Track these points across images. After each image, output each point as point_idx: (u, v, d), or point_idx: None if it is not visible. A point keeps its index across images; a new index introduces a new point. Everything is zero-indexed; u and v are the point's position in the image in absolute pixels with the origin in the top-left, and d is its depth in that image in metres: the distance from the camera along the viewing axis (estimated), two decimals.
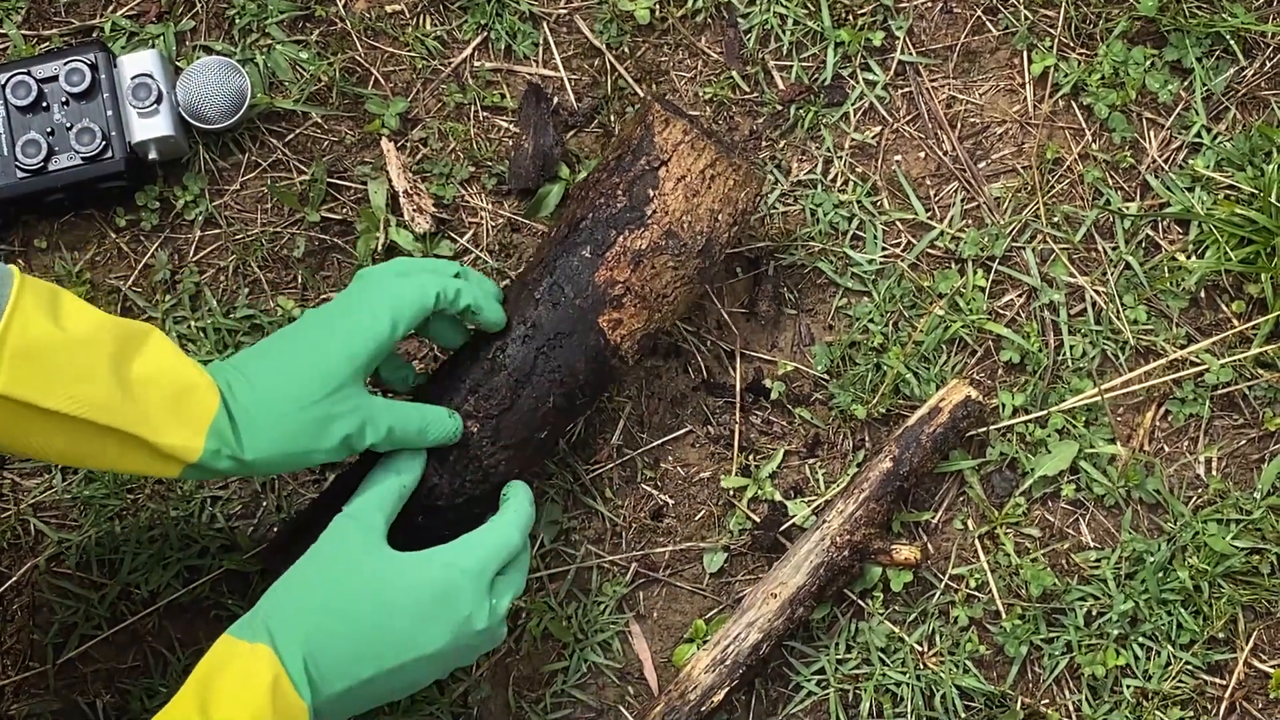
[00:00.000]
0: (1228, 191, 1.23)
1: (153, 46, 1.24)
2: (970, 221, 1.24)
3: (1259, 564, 1.20)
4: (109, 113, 1.19)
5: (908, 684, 1.19)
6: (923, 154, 1.26)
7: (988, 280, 1.23)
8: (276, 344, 1.03)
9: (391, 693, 0.99)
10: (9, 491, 1.21)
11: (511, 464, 1.10)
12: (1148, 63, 1.24)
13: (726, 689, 1.15)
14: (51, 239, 1.25)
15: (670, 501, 1.23)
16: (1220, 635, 1.20)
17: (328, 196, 1.24)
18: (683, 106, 1.24)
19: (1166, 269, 1.23)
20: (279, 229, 1.24)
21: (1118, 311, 1.22)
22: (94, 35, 1.25)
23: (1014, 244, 1.24)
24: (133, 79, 1.19)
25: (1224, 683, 1.20)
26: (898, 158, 1.26)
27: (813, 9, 1.25)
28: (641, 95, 1.20)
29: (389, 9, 1.26)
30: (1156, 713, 1.19)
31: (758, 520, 1.21)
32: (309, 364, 1.01)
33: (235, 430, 0.99)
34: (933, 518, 1.22)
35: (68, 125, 1.19)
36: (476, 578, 1.01)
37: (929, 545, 1.21)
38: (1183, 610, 1.19)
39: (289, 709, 0.93)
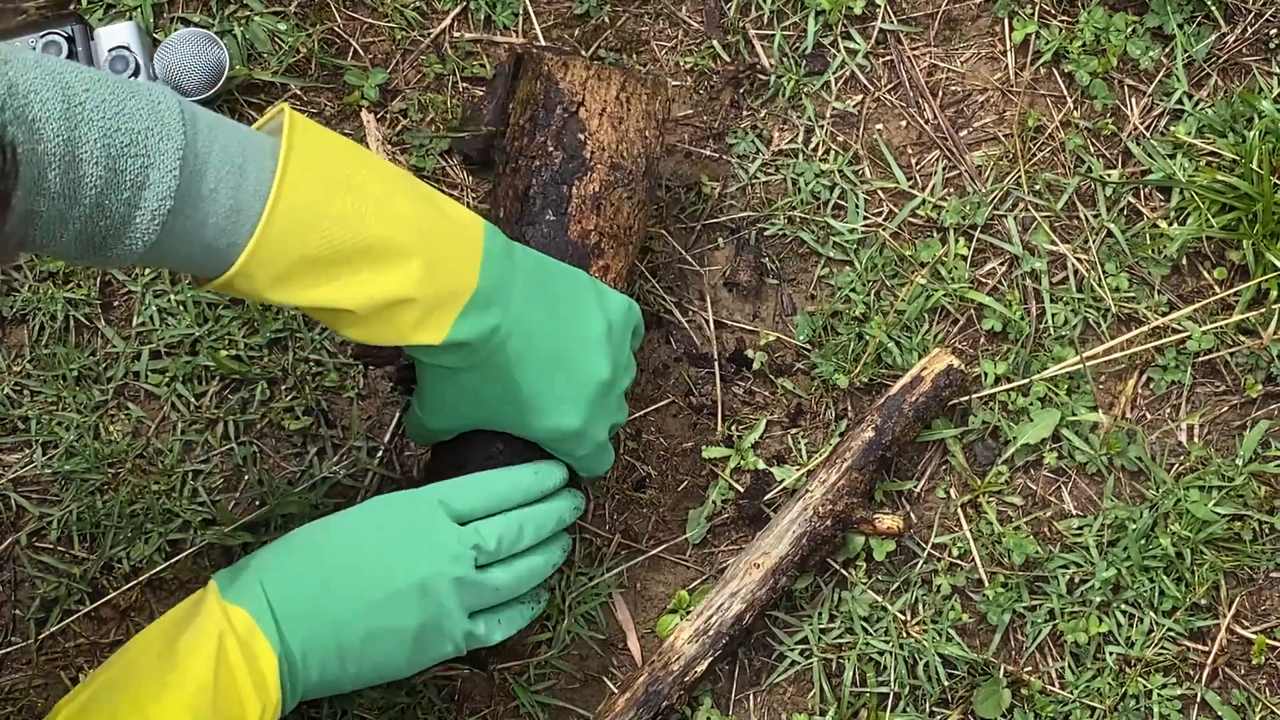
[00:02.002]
0: (1209, 158, 1.22)
1: (130, 19, 1.23)
2: (952, 190, 1.24)
3: (1241, 530, 1.20)
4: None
5: (891, 653, 1.19)
6: (904, 122, 1.25)
7: (969, 249, 1.23)
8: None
9: (371, 653, 0.99)
10: None
11: None
12: (1129, 29, 1.24)
13: (710, 659, 1.15)
14: None
15: (652, 473, 1.22)
16: (1202, 602, 1.20)
17: None
18: (558, 45, 1.25)
19: (1148, 236, 1.23)
20: None
21: (1099, 279, 1.22)
22: (70, 7, 1.24)
23: (996, 212, 1.23)
24: (110, 52, 1.18)
25: (1206, 649, 1.20)
26: (879, 126, 1.25)
27: None
28: (518, 53, 1.19)
29: None
30: (1139, 679, 1.19)
31: (741, 490, 1.21)
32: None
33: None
34: (915, 487, 1.22)
35: None
36: (446, 508, 1.01)
37: (911, 514, 1.21)
38: (1165, 577, 1.20)
39: (256, 660, 0.95)
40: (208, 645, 0.94)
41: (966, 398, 1.21)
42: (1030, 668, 1.20)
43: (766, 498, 1.20)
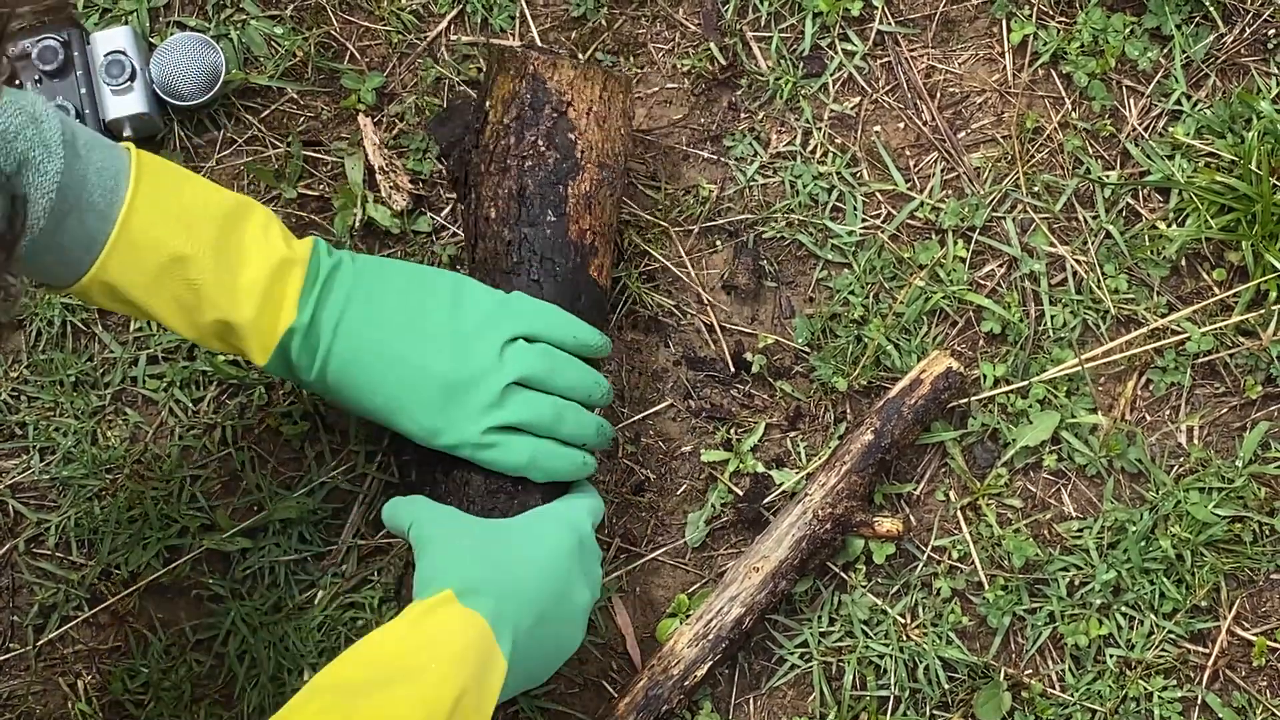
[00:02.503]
0: (1208, 159, 1.22)
1: (126, 23, 1.23)
2: (950, 192, 1.24)
3: (1241, 532, 1.19)
4: (82, 90, 1.18)
5: (891, 656, 1.19)
6: (902, 124, 1.25)
7: (968, 251, 1.23)
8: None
9: (547, 654, 1.02)
10: None
11: None
12: (1127, 30, 1.24)
13: (710, 663, 1.15)
14: None
15: (651, 476, 1.22)
16: (1203, 604, 1.20)
17: (304, 173, 1.23)
18: (553, 46, 1.25)
19: (1147, 237, 1.22)
20: None
21: (1098, 281, 1.22)
22: (66, 13, 1.24)
23: (994, 214, 1.23)
24: (106, 56, 1.18)
25: (1207, 651, 1.20)
26: (877, 128, 1.25)
27: None
28: (487, 50, 1.20)
29: None
30: (1139, 682, 1.19)
31: (740, 494, 1.21)
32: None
33: None
34: (915, 489, 1.21)
35: None
36: (585, 527, 1.06)
37: (911, 517, 1.21)
38: (1165, 579, 1.19)
39: (494, 663, 0.96)
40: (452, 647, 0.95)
41: (966, 400, 1.21)
42: (1031, 670, 1.20)
43: (766, 501, 1.20)
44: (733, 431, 1.22)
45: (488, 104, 1.12)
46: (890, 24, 1.25)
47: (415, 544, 1.02)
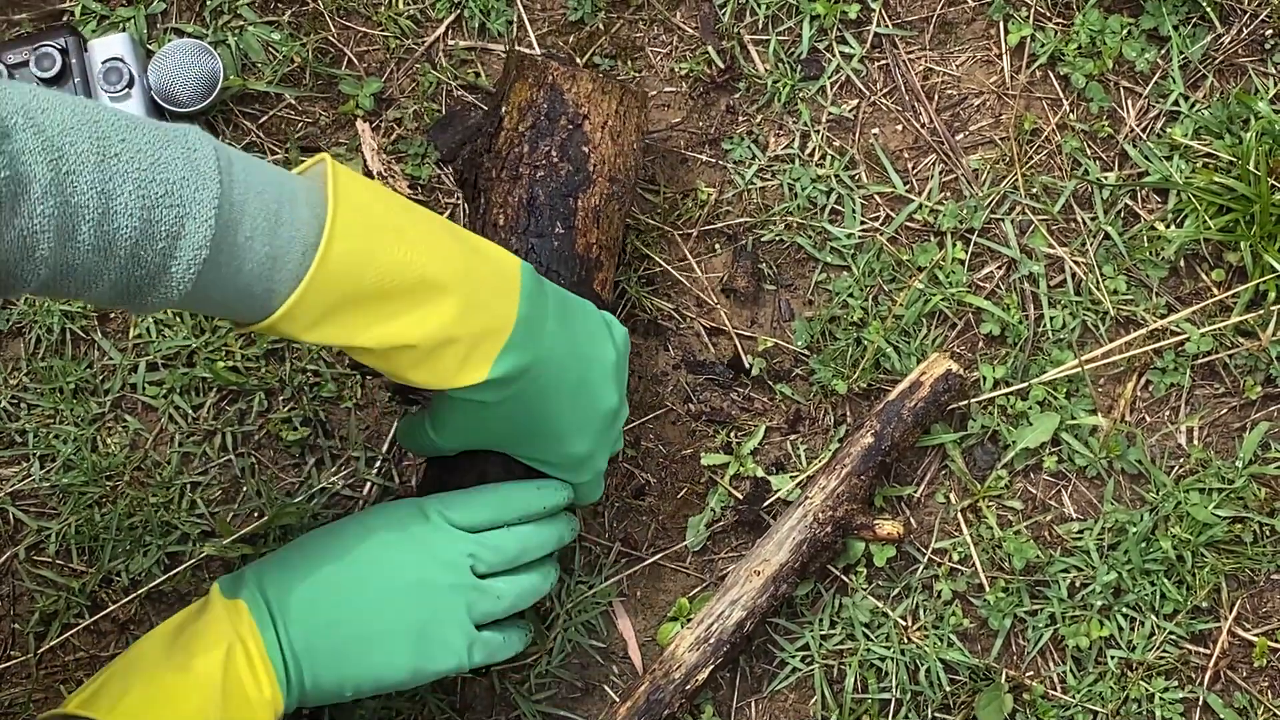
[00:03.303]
0: (1206, 160, 1.22)
1: (123, 30, 1.23)
2: (949, 194, 1.24)
3: (1241, 533, 1.20)
4: (80, 97, 1.18)
5: (892, 658, 1.19)
6: (900, 127, 1.25)
7: (967, 253, 1.23)
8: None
9: (371, 656, 0.99)
10: None
11: None
12: (1124, 31, 1.24)
13: (711, 667, 1.15)
14: None
15: (651, 480, 1.22)
16: (1204, 605, 1.20)
17: None
18: (553, 50, 1.25)
19: (1146, 238, 1.22)
20: None
21: (1097, 282, 1.22)
22: (64, 19, 1.24)
23: (993, 216, 1.23)
24: (104, 63, 1.18)
25: (1208, 652, 1.20)
26: (875, 131, 1.25)
27: None
28: (512, 56, 1.19)
29: None
30: (1141, 683, 1.19)
31: (740, 497, 1.21)
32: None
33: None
34: (915, 492, 1.21)
35: None
36: (444, 517, 1.02)
37: (911, 519, 1.21)
38: (1166, 580, 1.19)
39: (255, 657, 0.95)
40: (217, 641, 0.95)
41: (965, 402, 1.21)
42: (1032, 672, 1.20)
43: (766, 504, 1.20)
44: (733, 435, 1.22)
45: (504, 109, 1.12)
46: (888, 26, 1.25)
47: None
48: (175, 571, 1.19)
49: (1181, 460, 1.21)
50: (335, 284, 0.89)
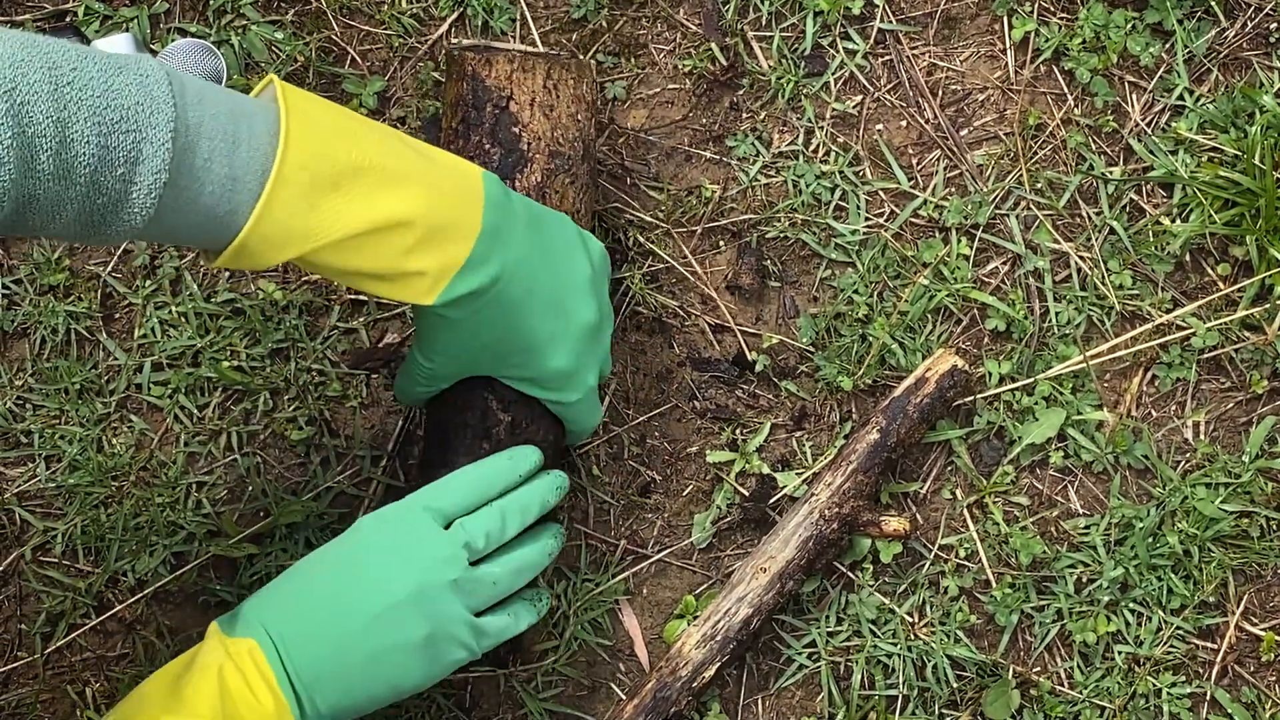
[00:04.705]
0: (1211, 154, 1.22)
1: (127, 30, 1.23)
2: (953, 190, 1.24)
3: (1248, 527, 1.19)
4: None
5: (899, 655, 1.19)
6: (904, 122, 1.25)
7: (972, 248, 1.22)
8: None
9: (381, 670, 0.99)
10: None
11: (547, 430, 1.10)
12: (1129, 26, 1.23)
13: (718, 664, 1.15)
14: None
15: (657, 477, 1.22)
16: (1211, 599, 1.20)
17: None
18: (479, 41, 1.25)
19: (1151, 233, 1.22)
20: None
21: (1103, 277, 1.22)
22: (67, 19, 1.24)
23: (998, 211, 1.23)
24: None
25: (1215, 647, 1.20)
26: (879, 127, 1.25)
27: None
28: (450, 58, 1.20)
29: None
30: (1148, 678, 1.19)
31: (746, 494, 1.21)
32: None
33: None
34: (921, 488, 1.21)
35: None
36: (432, 513, 1.02)
37: (918, 516, 1.21)
38: (1173, 575, 1.19)
39: (260, 689, 0.95)
40: (210, 679, 0.95)
41: (971, 398, 1.21)
42: (1039, 668, 1.20)
43: (772, 501, 1.20)
44: (738, 432, 1.22)
45: (442, 112, 1.13)
46: (891, 22, 1.25)
47: None
48: (181, 571, 1.19)
49: (1188, 455, 1.21)
50: (295, 197, 0.90)
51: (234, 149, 0.88)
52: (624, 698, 1.18)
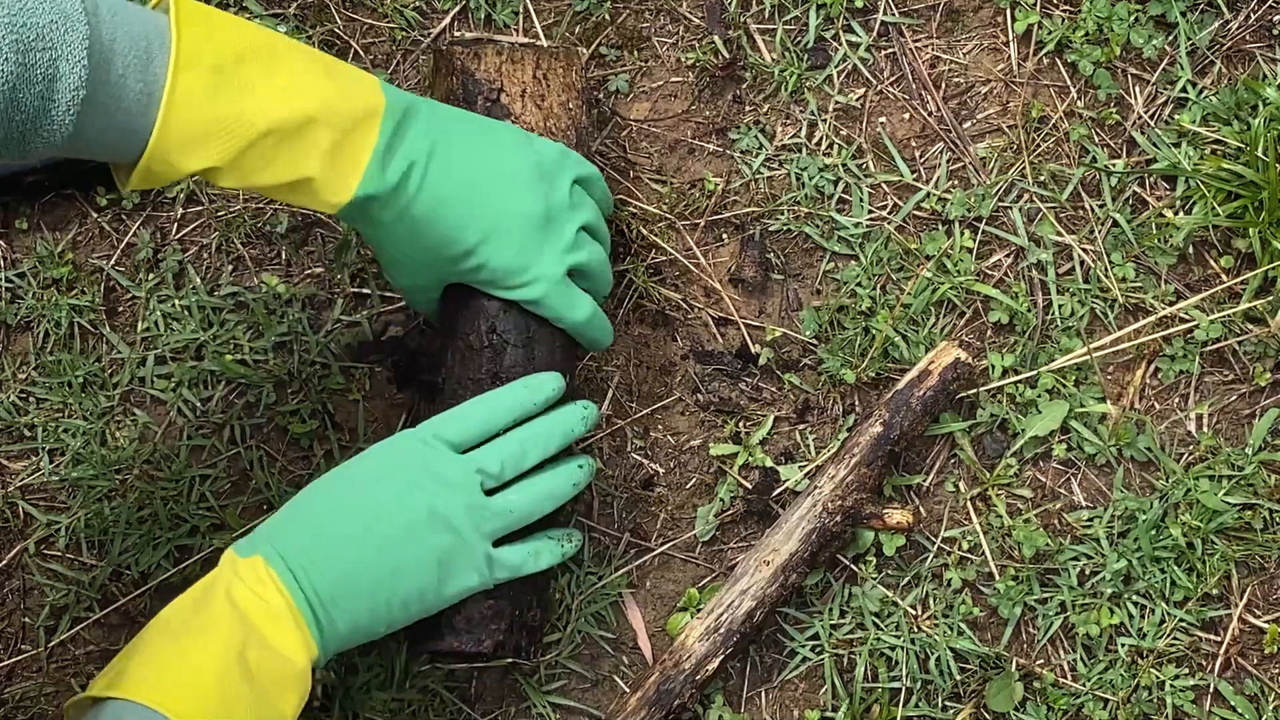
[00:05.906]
0: (1214, 146, 1.22)
1: None
2: (956, 182, 1.24)
3: (1252, 519, 1.19)
4: None
5: (902, 647, 1.19)
6: (907, 115, 1.25)
7: (975, 241, 1.22)
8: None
9: (401, 585, 1.00)
10: None
11: (552, 343, 1.11)
12: (1131, 18, 1.23)
13: (721, 657, 1.15)
14: (32, 219, 1.24)
15: (660, 470, 1.22)
16: (1214, 592, 1.20)
17: None
18: (481, 35, 1.25)
19: (1154, 225, 1.22)
20: (261, 205, 1.23)
21: (1106, 269, 1.22)
22: None
23: (1001, 204, 1.23)
24: None
25: (1219, 639, 1.20)
26: (882, 119, 1.25)
27: None
28: (437, 55, 1.20)
29: None
30: (1151, 671, 1.19)
31: (749, 487, 1.21)
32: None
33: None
34: (924, 481, 1.21)
35: None
36: (441, 440, 1.03)
37: (921, 508, 1.21)
38: (1176, 568, 1.19)
39: (278, 609, 0.96)
40: (227, 602, 0.95)
41: (974, 391, 1.21)
42: (1042, 660, 1.20)
43: (775, 494, 1.20)
44: (741, 425, 1.22)
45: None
46: (894, 14, 1.25)
47: None
48: (185, 564, 1.19)
49: (1191, 447, 1.21)
50: (197, 87, 0.92)
51: (147, 63, 0.91)
52: (627, 690, 1.18)
